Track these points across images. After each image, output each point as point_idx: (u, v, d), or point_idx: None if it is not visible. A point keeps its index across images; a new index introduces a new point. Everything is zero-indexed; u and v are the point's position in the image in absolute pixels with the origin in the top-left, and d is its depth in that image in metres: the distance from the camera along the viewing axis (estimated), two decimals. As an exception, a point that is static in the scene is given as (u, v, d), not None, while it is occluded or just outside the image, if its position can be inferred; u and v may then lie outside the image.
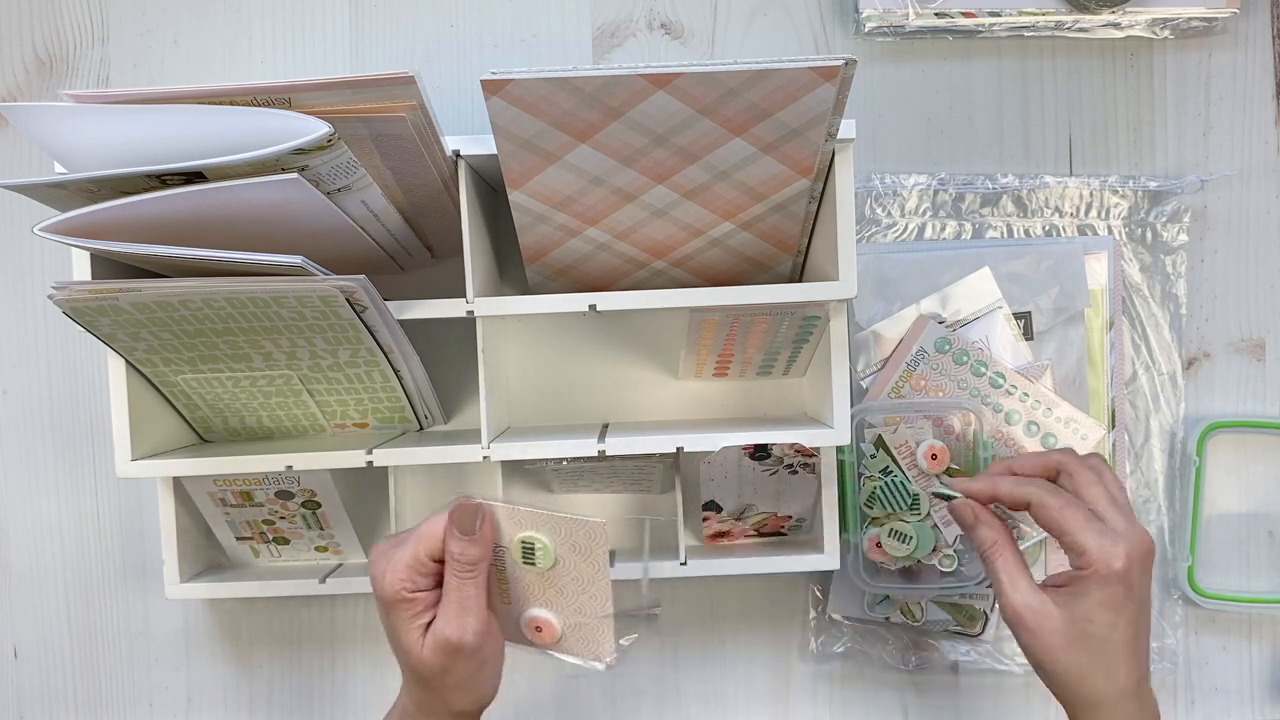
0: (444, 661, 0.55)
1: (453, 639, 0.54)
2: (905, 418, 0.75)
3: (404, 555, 0.55)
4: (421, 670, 0.56)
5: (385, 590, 0.55)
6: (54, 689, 0.81)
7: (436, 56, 0.79)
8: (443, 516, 0.55)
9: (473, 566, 0.55)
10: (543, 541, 0.56)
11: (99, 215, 0.56)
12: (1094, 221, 0.78)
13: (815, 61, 0.55)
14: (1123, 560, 0.56)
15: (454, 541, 0.54)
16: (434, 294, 0.67)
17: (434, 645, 0.55)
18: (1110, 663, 0.56)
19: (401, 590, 0.55)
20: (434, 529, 0.55)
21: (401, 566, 0.54)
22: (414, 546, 0.55)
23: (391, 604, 0.55)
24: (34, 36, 0.79)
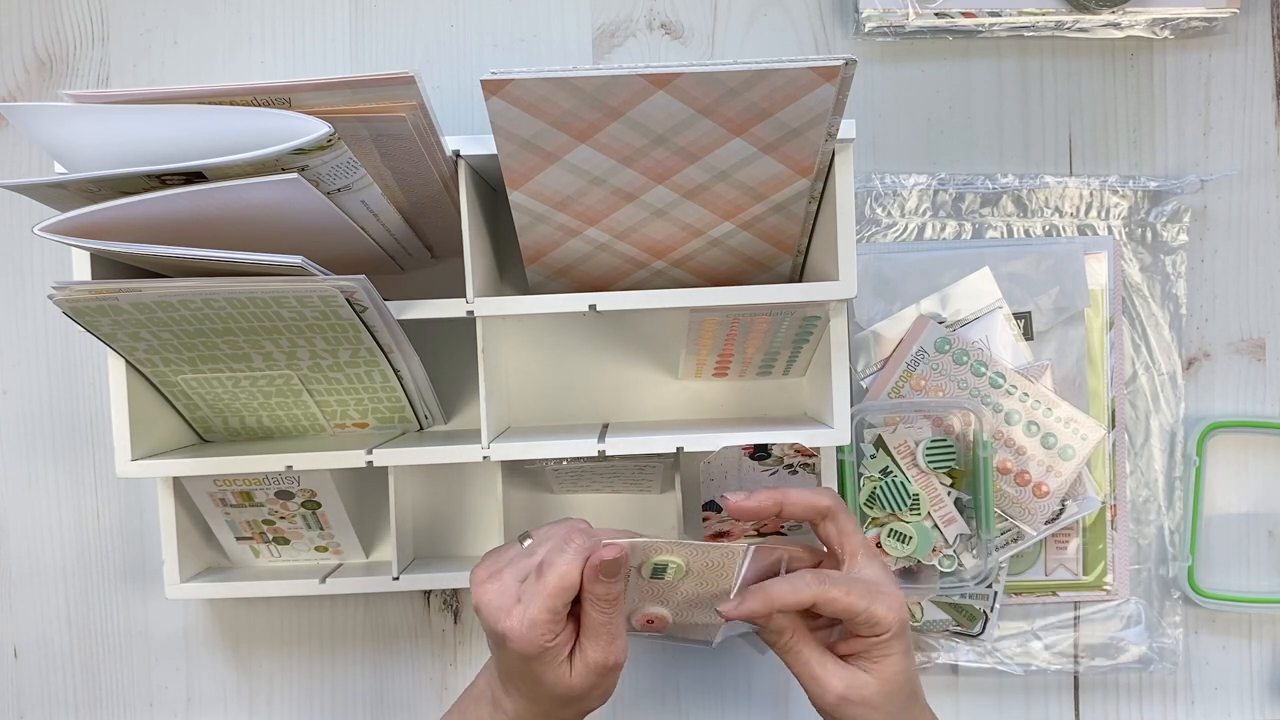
0: (596, 682, 0.58)
1: (607, 664, 0.57)
2: (905, 418, 0.75)
3: (539, 611, 0.56)
4: (569, 694, 0.58)
5: (528, 647, 0.56)
6: (54, 689, 0.81)
7: (436, 56, 0.79)
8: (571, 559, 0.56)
9: (616, 601, 0.57)
10: (678, 562, 0.58)
11: (99, 215, 0.56)
12: (1094, 221, 0.78)
13: (815, 61, 0.55)
14: (902, 608, 0.60)
15: (601, 586, 0.56)
16: (434, 294, 0.67)
17: (589, 672, 0.57)
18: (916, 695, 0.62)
19: (544, 643, 0.56)
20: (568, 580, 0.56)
21: (541, 623, 0.56)
22: (549, 601, 0.56)
23: (534, 656, 0.56)
24: (34, 36, 0.79)
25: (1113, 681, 0.80)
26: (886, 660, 0.59)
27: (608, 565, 0.55)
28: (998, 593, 0.77)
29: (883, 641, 0.59)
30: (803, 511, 0.62)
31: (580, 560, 0.56)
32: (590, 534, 0.58)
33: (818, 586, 0.58)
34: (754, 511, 0.62)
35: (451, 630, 0.80)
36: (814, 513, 0.62)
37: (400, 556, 0.73)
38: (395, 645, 0.80)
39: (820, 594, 0.58)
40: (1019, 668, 0.78)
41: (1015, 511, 0.76)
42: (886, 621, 0.59)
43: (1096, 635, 0.79)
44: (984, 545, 0.73)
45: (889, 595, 0.59)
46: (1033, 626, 0.79)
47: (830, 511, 0.62)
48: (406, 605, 0.80)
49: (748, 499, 0.61)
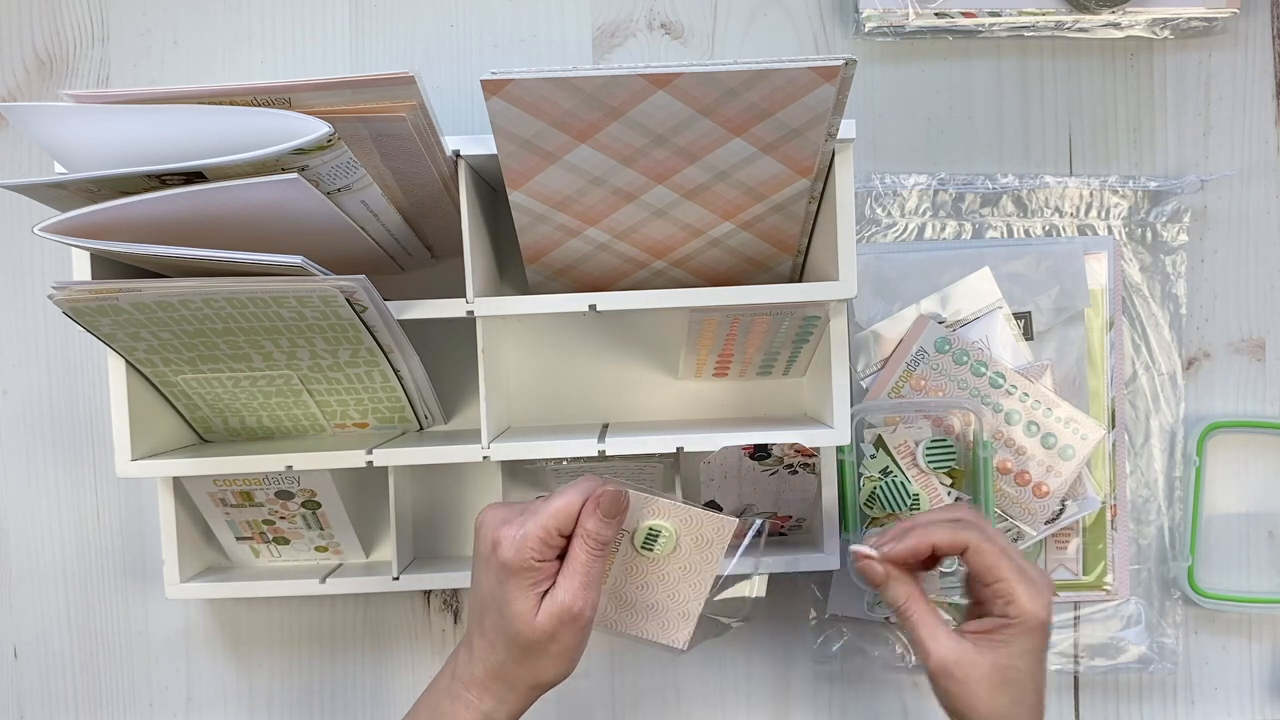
0: (556, 629, 0.57)
1: (573, 609, 0.56)
2: (905, 418, 0.75)
3: (535, 526, 0.56)
4: (530, 635, 0.57)
5: (512, 557, 0.56)
6: (54, 689, 0.81)
7: (436, 56, 0.79)
8: (576, 493, 0.57)
9: (604, 545, 0.57)
10: (669, 530, 0.59)
11: (99, 215, 0.56)
12: (1094, 221, 0.78)
13: (815, 61, 0.55)
14: (1047, 610, 0.58)
15: (594, 521, 0.57)
16: (434, 294, 0.67)
17: (554, 612, 0.56)
18: (1027, 705, 0.59)
19: (530, 558, 0.56)
20: (568, 506, 0.57)
21: (534, 537, 0.56)
22: (546, 519, 0.56)
23: (515, 570, 0.56)
24: (34, 36, 0.79)
25: (1113, 681, 0.80)
26: (1004, 648, 0.58)
27: (607, 499, 0.56)
28: (998, 593, 0.77)
29: (1010, 626, 0.58)
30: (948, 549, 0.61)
31: (583, 494, 0.57)
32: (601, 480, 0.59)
33: (975, 536, 0.58)
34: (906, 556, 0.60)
35: (451, 630, 0.80)
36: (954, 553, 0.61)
37: (400, 556, 0.73)
38: (395, 645, 0.80)
39: (975, 542, 0.58)
40: (1019, 668, 0.78)
41: (1015, 511, 0.76)
42: (1021, 604, 0.57)
43: (1096, 635, 0.79)
44: (984, 545, 0.73)
45: (1038, 588, 0.58)
46: (1033, 626, 0.79)
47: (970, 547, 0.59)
48: (406, 605, 0.80)
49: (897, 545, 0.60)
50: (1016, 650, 0.58)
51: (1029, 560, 0.61)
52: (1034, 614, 0.58)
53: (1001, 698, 0.58)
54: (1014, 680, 0.58)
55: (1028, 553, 0.77)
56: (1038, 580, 0.59)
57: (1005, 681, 0.58)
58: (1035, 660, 0.59)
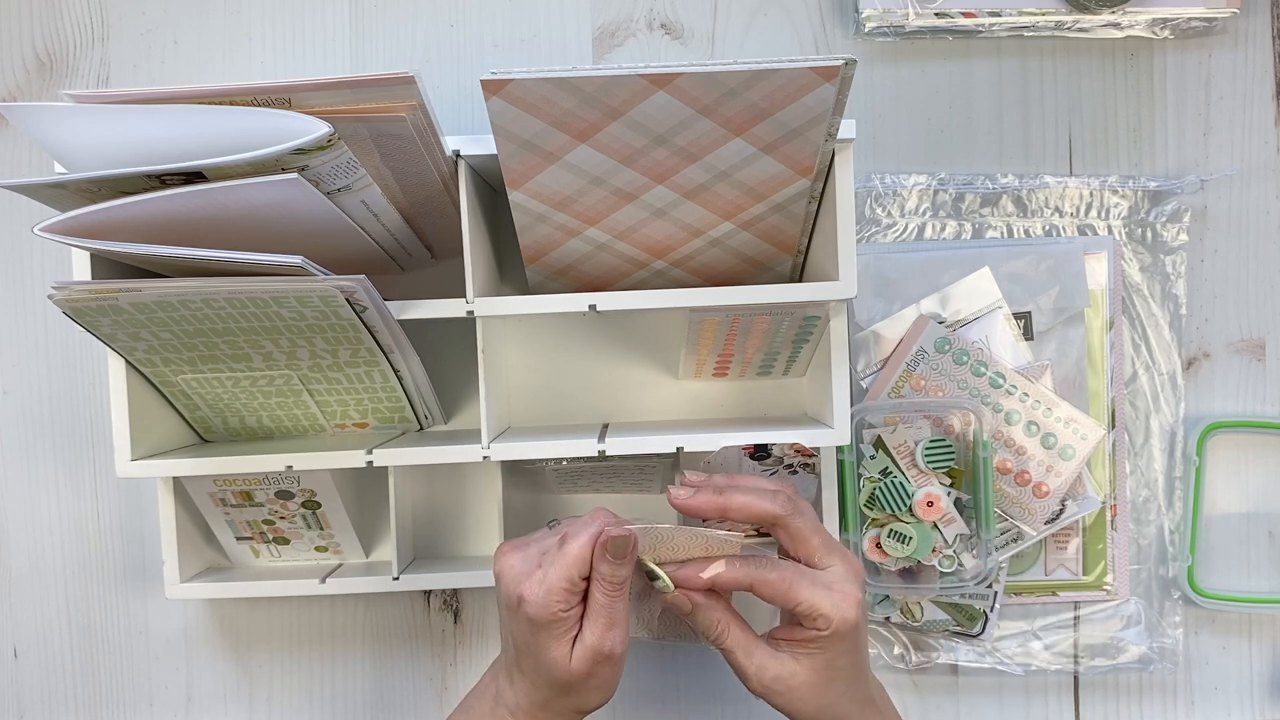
0: (591, 669, 0.58)
1: (604, 650, 0.57)
2: (905, 418, 0.75)
3: (556, 578, 0.57)
4: (567, 678, 0.58)
5: (540, 612, 0.57)
6: (54, 689, 0.81)
7: (436, 56, 0.79)
8: (587, 537, 0.57)
9: (620, 585, 0.58)
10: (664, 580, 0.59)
11: (99, 215, 0.56)
12: (1094, 221, 0.78)
13: (815, 61, 0.55)
14: (854, 609, 0.58)
15: (606, 565, 0.57)
16: (434, 294, 0.67)
17: (586, 656, 0.58)
18: (857, 691, 0.61)
19: (556, 611, 0.57)
20: (583, 552, 0.57)
21: (556, 589, 0.57)
22: (565, 570, 0.57)
23: (544, 624, 0.57)
24: (34, 36, 0.79)
25: (1113, 681, 0.80)
26: (822, 654, 0.59)
27: (613, 544, 0.56)
28: (998, 593, 0.77)
29: (824, 637, 0.58)
30: (748, 519, 0.61)
31: (592, 537, 0.57)
32: (614, 517, 0.59)
33: (757, 571, 0.59)
34: (694, 510, 0.61)
35: (451, 630, 0.80)
36: (761, 521, 0.61)
37: (400, 556, 0.73)
38: (395, 645, 0.80)
39: (759, 577, 0.58)
40: (1019, 668, 0.78)
41: (1015, 511, 0.76)
42: (828, 617, 0.58)
43: (1096, 635, 0.79)
44: (984, 545, 0.73)
45: (840, 593, 0.58)
46: (1033, 626, 0.79)
47: (779, 520, 0.60)
48: (406, 605, 0.80)
49: (692, 496, 0.61)
50: (834, 654, 0.59)
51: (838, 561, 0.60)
52: (841, 619, 0.58)
53: (828, 695, 0.59)
54: (838, 676, 0.59)
55: (1028, 553, 0.77)
56: (837, 581, 0.59)
57: (830, 680, 0.59)
58: (855, 653, 0.60)
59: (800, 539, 0.60)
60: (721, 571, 0.59)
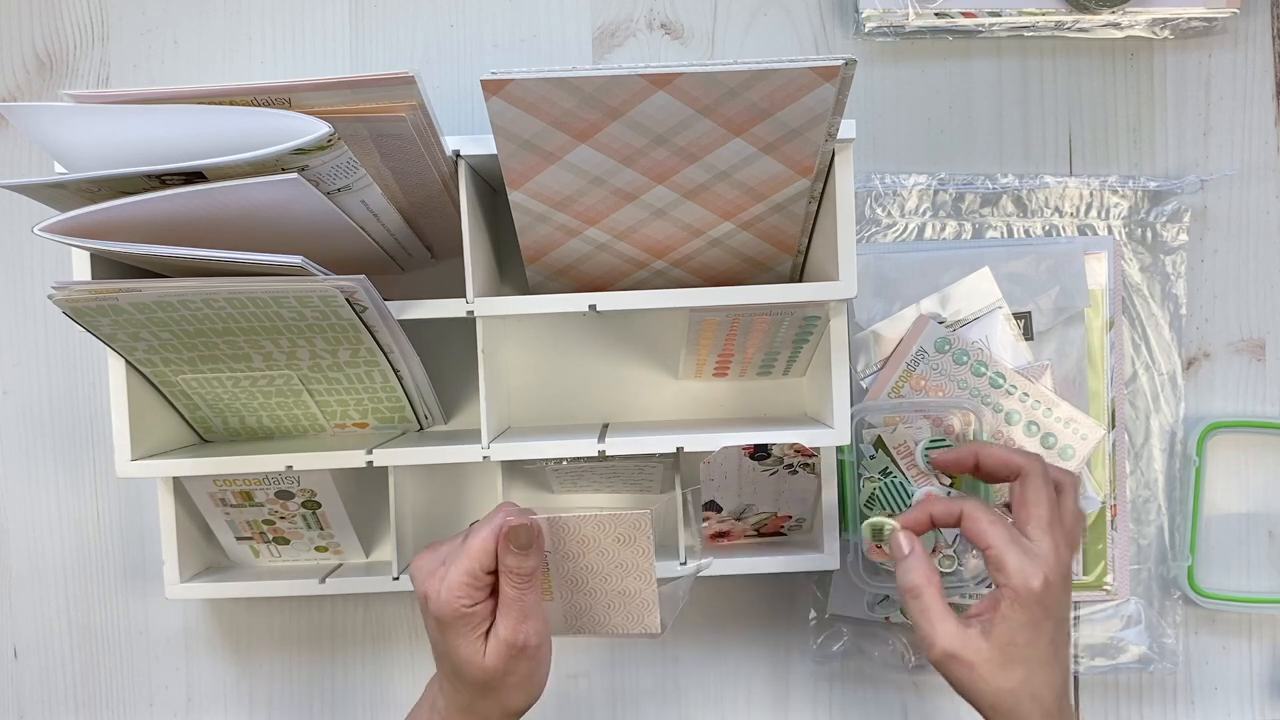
0: (507, 664, 0.57)
1: (517, 643, 0.57)
2: (905, 418, 0.75)
3: (457, 573, 0.57)
4: (484, 676, 0.58)
5: (443, 608, 0.57)
6: (54, 689, 0.81)
7: (436, 56, 0.79)
8: (489, 529, 0.57)
9: (529, 577, 0.57)
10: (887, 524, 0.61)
11: (99, 215, 0.56)
12: (1094, 221, 0.78)
13: (815, 61, 0.55)
14: (1040, 580, 0.57)
15: (511, 557, 0.57)
16: (434, 294, 0.67)
17: (498, 651, 0.57)
18: (1034, 680, 0.58)
19: (460, 606, 0.57)
20: (484, 545, 0.57)
21: (457, 584, 0.56)
22: (466, 563, 0.57)
23: (450, 620, 0.57)
24: (34, 36, 0.79)
25: (1113, 681, 0.80)
26: (1002, 626, 0.57)
27: (515, 534, 0.56)
28: (998, 593, 0.77)
29: (1002, 600, 0.57)
30: (996, 467, 0.62)
31: (494, 529, 0.57)
32: (517, 511, 0.59)
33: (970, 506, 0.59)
34: (953, 463, 0.63)
35: (451, 630, 0.80)
36: (1007, 471, 0.61)
37: (400, 556, 0.73)
38: (395, 645, 0.80)
39: (969, 511, 0.59)
40: (1019, 668, 0.78)
41: (1015, 511, 0.76)
42: (1009, 572, 0.56)
43: (1096, 635, 0.78)
44: (984, 545, 0.73)
45: (1031, 559, 0.57)
46: (1033, 626, 0.79)
47: (1023, 472, 0.60)
48: (406, 605, 0.80)
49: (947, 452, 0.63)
50: (1014, 625, 0.57)
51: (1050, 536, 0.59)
52: (1022, 582, 0.56)
53: (1007, 678, 0.57)
54: (1017, 658, 0.57)
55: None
56: (1034, 549, 0.58)
57: (1009, 660, 0.57)
58: (1036, 633, 0.57)
59: (1027, 503, 0.59)
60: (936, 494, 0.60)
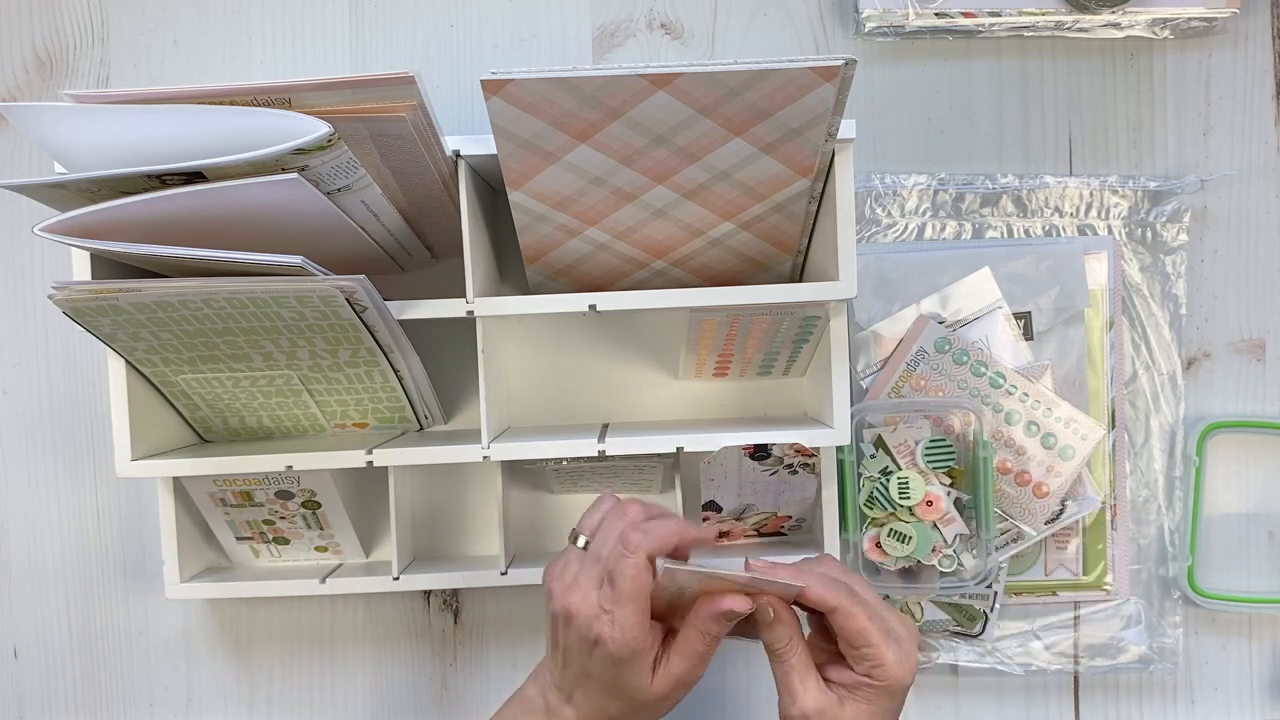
0: (673, 693, 0.59)
1: (689, 680, 0.59)
2: (905, 418, 0.75)
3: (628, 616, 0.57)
4: (648, 699, 0.59)
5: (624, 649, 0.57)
6: (54, 689, 0.81)
7: (436, 56, 0.79)
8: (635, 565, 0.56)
9: (719, 637, 0.58)
10: None
11: (99, 215, 0.56)
12: (1094, 221, 0.78)
13: (815, 61, 0.55)
14: (912, 675, 0.58)
15: (715, 623, 0.58)
16: (434, 294, 0.67)
17: (670, 683, 0.58)
18: None
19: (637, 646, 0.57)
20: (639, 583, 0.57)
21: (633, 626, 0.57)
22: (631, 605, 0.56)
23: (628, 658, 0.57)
24: (34, 36, 0.79)
25: (1113, 681, 0.80)
26: (867, 706, 0.58)
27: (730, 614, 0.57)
28: (998, 593, 0.77)
29: (875, 687, 0.58)
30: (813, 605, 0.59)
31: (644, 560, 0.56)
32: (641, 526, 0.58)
33: (846, 599, 0.58)
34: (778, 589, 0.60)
35: (451, 630, 0.80)
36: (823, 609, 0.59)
37: (400, 556, 0.73)
38: (395, 645, 0.80)
39: (846, 606, 0.58)
40: (1019, 668, 0.78)
41: (1015, 511, 0.76)
42: (888, 669, 0.57)
43: (1096, 635, 0.78)
44: (984, 545, 0.73)
45: (905, 652, 0.58)
46: (1033, 626, 0.79)
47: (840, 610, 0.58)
48: (406, 605, 0.80)
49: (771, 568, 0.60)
50: (876, 709, 0.58)
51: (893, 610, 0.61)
52: (899, 678, 0.58)
53: None
54: None
55: (1028, 553, 0.77)
56: (904, 641, 0.59)
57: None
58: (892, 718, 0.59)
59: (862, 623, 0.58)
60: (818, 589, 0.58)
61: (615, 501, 0.61)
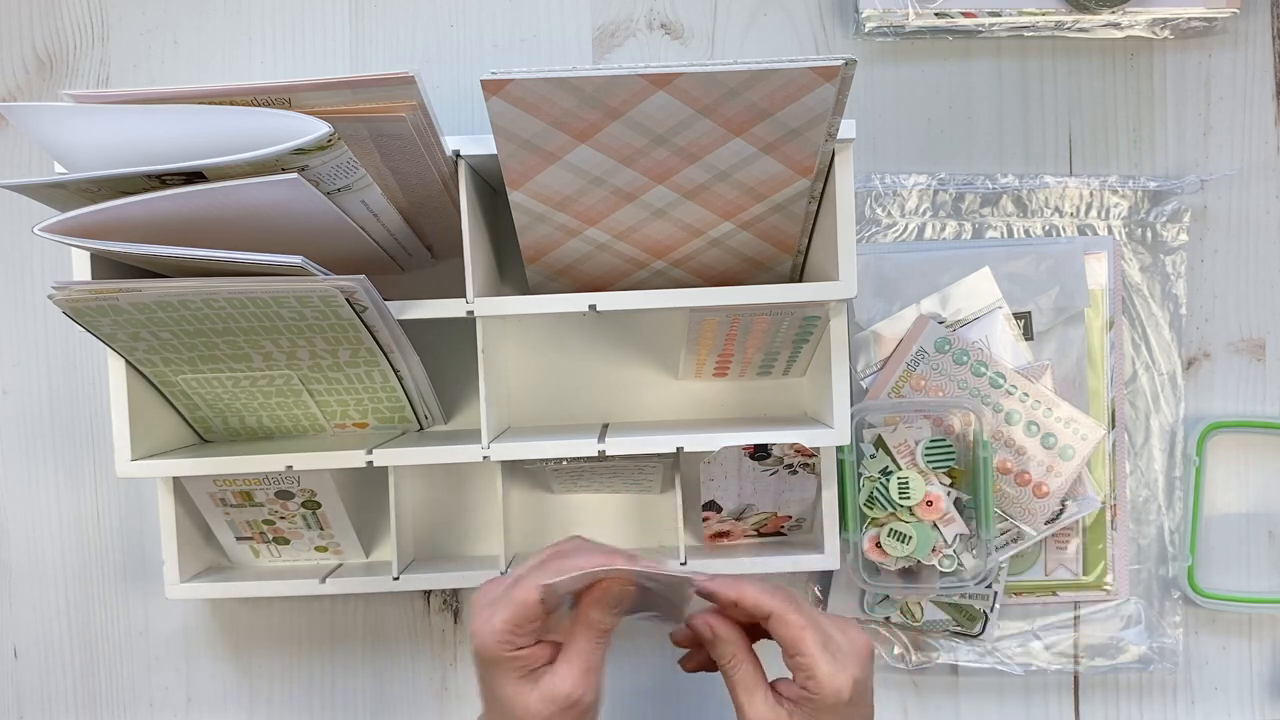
0: (554, 714, 0.55)
1: (572, 696, 0.55)
2: (905, 418, 0.75)
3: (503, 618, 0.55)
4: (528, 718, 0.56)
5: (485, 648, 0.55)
6: (54, 689, 0.81)
7: (436, 56, 0.79)
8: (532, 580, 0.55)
9: (608, 633, 0.57)
10: None
11: (99, 215, 0.56)
12: (1094, 221, 0.78)
13: (815, 61, 0.55)
14: (849, 690, 0.56)
15: (598, 611, 0.56)
16: (434, 294, 0.67)
17: (547, 699, 0.55)
18: None
19: (501, 653, 0.55)
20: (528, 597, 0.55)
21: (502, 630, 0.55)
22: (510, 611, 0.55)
23: (493, 662, 0.55)
24: (34, 36, 0.79)
25: (1113, 681, 0.80)
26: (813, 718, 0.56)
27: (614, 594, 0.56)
28: (998, 593, 0.77)
29: (812, 700, 0.56)
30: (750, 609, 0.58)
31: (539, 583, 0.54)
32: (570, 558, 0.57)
33: (782, 605, 0.57)
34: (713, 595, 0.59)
35: (451, 630, 0.80)
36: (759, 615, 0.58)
37: (400, 556, 0.73)
38: (395, 645, 0.80)
39: (781, 612, 0.57)
40: (1019, 668, 0.78)
41: (1015, 511, 0.76)
42: (820, 682, 0.56)
43: (1096, 635, 0.79)
44: (984, 545, 0.73)
45: (841, 665, 0.56)
46: (1033, 626, 0.79)
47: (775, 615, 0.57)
48: (406, 605, 0.80)
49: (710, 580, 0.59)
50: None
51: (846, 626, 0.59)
52: (833, 691, 0.56)
53: None
54: None
55: (1028, 553, 0.77)
56: (842, 655, 0.57)
57: None
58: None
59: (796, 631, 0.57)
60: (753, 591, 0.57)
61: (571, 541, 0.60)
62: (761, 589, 0.58)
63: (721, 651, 0.59)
